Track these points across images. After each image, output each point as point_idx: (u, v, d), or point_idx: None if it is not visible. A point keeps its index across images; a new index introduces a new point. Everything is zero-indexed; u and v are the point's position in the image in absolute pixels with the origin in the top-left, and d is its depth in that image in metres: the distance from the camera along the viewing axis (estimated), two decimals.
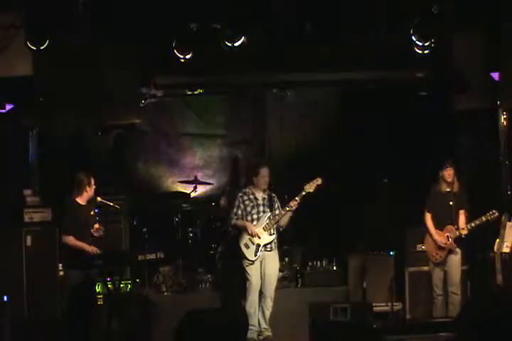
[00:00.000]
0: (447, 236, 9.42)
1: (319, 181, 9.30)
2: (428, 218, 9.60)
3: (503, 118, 10.58)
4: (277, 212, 9.40)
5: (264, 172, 9.42)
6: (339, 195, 10.99)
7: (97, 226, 9.20)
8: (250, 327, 9.21)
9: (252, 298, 9.27)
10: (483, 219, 9.27)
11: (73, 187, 9.21)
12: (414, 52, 9.65)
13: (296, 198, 9.24)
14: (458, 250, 9.48)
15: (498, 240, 9.58)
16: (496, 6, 9.65)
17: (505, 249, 9.49)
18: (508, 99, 10.14)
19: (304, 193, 9.26)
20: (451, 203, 9.43)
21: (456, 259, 9.49)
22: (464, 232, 9.36)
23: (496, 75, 10.10)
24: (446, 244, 9.41)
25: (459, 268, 9.50)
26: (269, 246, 9.34)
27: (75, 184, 9.20)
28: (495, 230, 9.59)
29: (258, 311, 9.31)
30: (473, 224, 9.34)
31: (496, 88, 10.09)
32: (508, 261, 9.48)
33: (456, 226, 9.40)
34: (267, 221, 9.35)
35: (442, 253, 9.46)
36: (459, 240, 9.43)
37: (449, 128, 11.04)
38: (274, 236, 9.36)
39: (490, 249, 9.74)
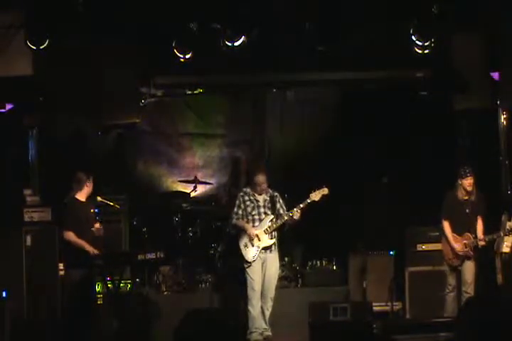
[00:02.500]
0: (465, 243, 9.37)
1: (325, 191, 9.22)
2: (446, 226, 9.47)
3: (503, 118, 10.59)
4: (281, 211, 9.38)
5: (260, 180, 9.31)
6: (339, 195, 10.99)
7: (97, 225, 9.24)
8: (254, 330, 9.21)
9: (256, 301, 9.23)
10: (502, 234, 9.33)
11: (73, 185, 9.29)
12: (414, 52, 9.65)
13: (301, 205, 9.19)
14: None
15: (498, 240, 9.58)
16: (496, 6, 9.65)
17: (505, 249, 9.48)
18: (508, 99, 10.14)
19: (308, 201, 9.20)
20: (467, 211, 9.36)
21: (470, 263, 9.44)
22: (482, 244, 9.33)
23: (496, 75, 10.11)
24: (463, 251, 9.38)
25: (473, 269, 9.40)
26: (268, 249, 9.32)
27: (74, 181, 9.30)
28: (495, 230, 9.59)
29: (260, 313, 9.29)
30: (490, 237, 9.34)
31: (496, 88, 10.09)
32: (508, 261, 9.48)
33: (473, 235, 9.34)
34: (269, 224, 9.30)
35: (458, 259, 9.42)
36: (475, 248, 9.38)
37: (449, 128, 11.04)
38: (274, 240, 9.29)
39: (490, 249, 9.74)
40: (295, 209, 9.20)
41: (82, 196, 9.29)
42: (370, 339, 7.90)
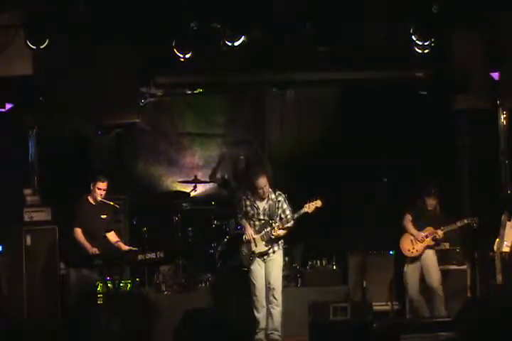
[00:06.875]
0: (426, 235, 9.69)
1: (319, 204, 9.24)
2: (407, 219, 9.96)
3: (503, 118, 10.59)
4: (282, 216, 9.36)
5: (261, 184, 9.32)
6: (339, 195, 10.98)
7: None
8: (259, 331, 9.30)
9: (260, 304, 9.31)
10: (466, 221, 9.49)
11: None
12: (414, 52, 9.65)
13: (295, 215, 9.27)
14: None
15: (498, 240, 9.59)
16: (496, 6, 9.65)
17: (505, 249, 9.50)
18: (508, 99, 10.15)
19: (302, 212, 9.26)
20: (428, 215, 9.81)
21: (432, 258, 9.62)
22: (439, 233, 9.65)
23: (496, 75, 10.12)
24: (423, 237, 9.68)
25: (434, 260, 9.68)
26: (266, 254, 9.36)
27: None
28: (495, 230, 9.60)
29: (266, 314, 9.32)
30: (447, 228, 9.64)
31: (496, 88, 10.10)
32: (508, 260, 9.49)
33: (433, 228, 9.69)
34: (267, 230, 9.33)
35: (419, 246, 9.54)
36: (435, 239, 9.69)
37: (449, 128, 11.04)
38: (268, 247, 9.35)
39: (490, 249, 9.75)
40: (290, 219, 9.29)
41: (91, 198, 9.42)
42: (370, 339, 7.89)
